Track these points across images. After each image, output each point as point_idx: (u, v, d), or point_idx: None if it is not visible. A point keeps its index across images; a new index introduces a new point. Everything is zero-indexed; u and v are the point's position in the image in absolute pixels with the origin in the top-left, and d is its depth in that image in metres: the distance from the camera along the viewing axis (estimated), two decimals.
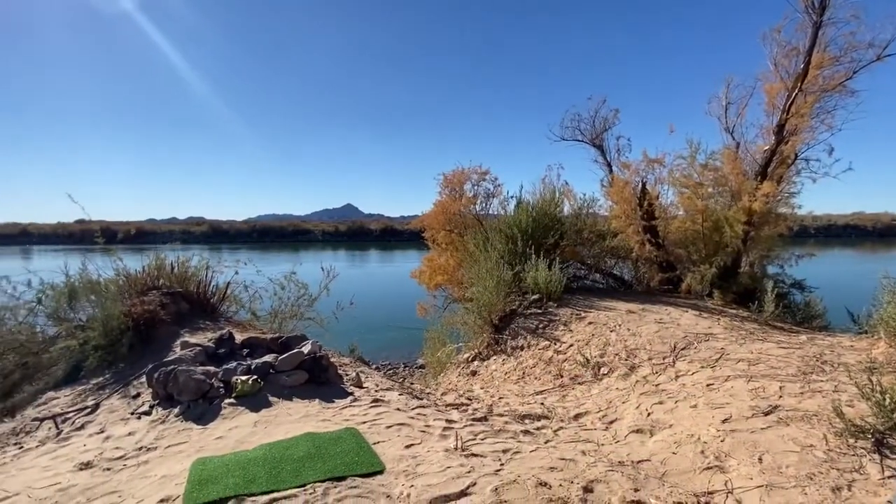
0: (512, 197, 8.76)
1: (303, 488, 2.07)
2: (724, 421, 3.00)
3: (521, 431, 3.07)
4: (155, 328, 4.71)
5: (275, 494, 2.01)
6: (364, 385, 3.89)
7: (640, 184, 7.85)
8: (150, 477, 2.26)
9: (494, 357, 6.12)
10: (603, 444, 2.99)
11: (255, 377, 3.38)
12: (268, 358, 3.73)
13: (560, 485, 2.20)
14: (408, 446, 2.59)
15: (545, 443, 2.91)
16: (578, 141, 9.35)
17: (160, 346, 4.51)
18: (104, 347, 4.27)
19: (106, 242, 6.06)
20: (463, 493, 2.07)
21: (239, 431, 2.78)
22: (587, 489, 2.16)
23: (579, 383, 4.45)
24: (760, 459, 2.41)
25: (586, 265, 8.56)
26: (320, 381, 3.71)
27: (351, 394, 3.59)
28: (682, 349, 4.55)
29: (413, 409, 3.33)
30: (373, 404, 3.34)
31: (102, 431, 2.94)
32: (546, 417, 3.54)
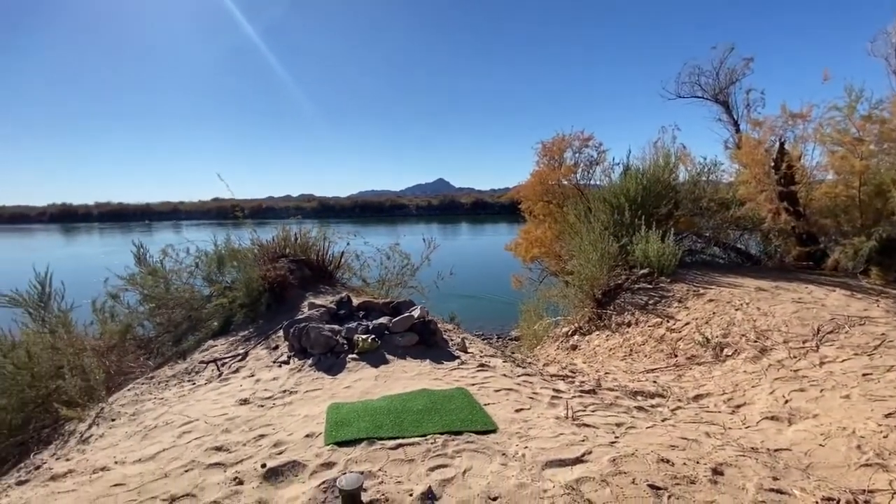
0: (618, 164, 8.18)
1: (424, 438, 2.24)
2: (887, 415, 2.58)
3: (635, 407, 2.95)
4: (285, 290, 5.35)
5: (400, 441, 2.21)
6: (469, 350, 4.03)
7: (777, 143, 6.78)
8: (295, 415, 2.61)
9: (597, 332, 5.91)
10: (730, 428, 2.76)
11: (373, 336, 3.69)
12: (383, 320, 4.03)
13: (684, 464, 2.08)
14: (517, 410, 2.64)
15: (662, 421, 2.77)
16: (698, 98, 8.35)
17: (290, 306, 5.12)
18: (247, 306, 4.98)
19: (236, 217, 6.95)
20: (578, 460, 2.06)
21: (363, 383, 3.08)
22: (716, 471, 2.02)
23: (697, 364, 4.12)
24: None
25: (704, 237, 7.74)
26: (429, 343, 3.93)
27: (457, 357, 3.74)
28: (829, 333, 3.95)
29: (519, 376, 3.38)
30: (479, 368, 3.46)
31: (253, 375, 3.47)
32: (661, 396, 3.35)
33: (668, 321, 5.12)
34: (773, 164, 6.67)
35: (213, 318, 5.08)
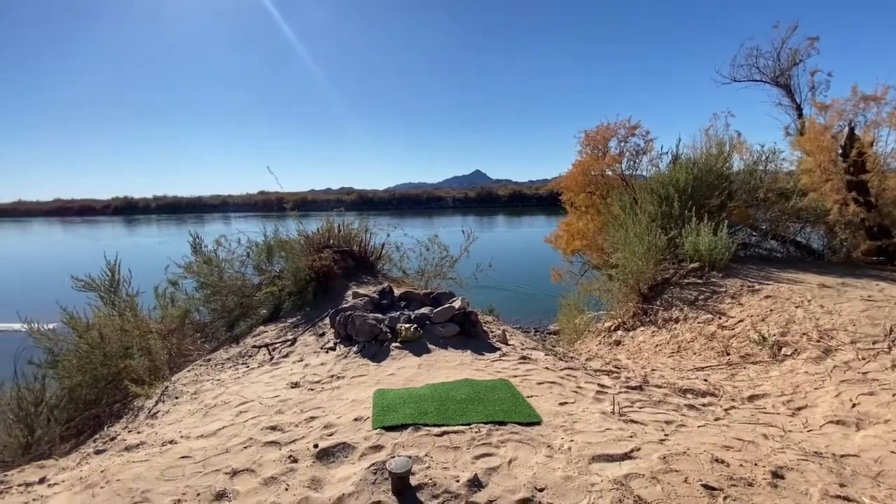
0: (666, 153, 7.82)
1: (468, 426, 2.26)
2: None
3: (685, 406, 2.85)
4: (330, 280, 5.52)
5: (445, 428, 2.24)
6: (510, 342, 4.01)
7: (847, 128, 6.26)
8: (343, 399, 2.71)
9: (642, 328, 5.73)
10: (790, 431, 2.61)
11: (415, 326, 3.75)
12: (424, 310, 4.08)
13: (741, 465, 2.00)
14: (561, 404, 2.62)
15: (715, 420, 2.66)
16: (756, 81, 7.83)
17: (334, 295, 5.28)
18: (295, 294, 5.18)
19: (280, 210, 7.21)
20: (627, 456, 2.02)
21: (406, 371, 3.14)
22: (776, 475, 1.93)
23: (752, 363, 3.92)
24: None
25: (760, 230, 7.29)
26: (470, 334, 3.95)
27: (498, 349, 3.74)
28: None
29: (561, 369, 3.34)
30: (521, 361, 3.44)
31: (302, 360, 3.61)
32: (712, 395, 3.22)
33: (719, 318, 4.88)
34: (840, 150, 6.17)
35: (263, 305, 5.32)
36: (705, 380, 3.59)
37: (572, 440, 2.15)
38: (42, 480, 2.15)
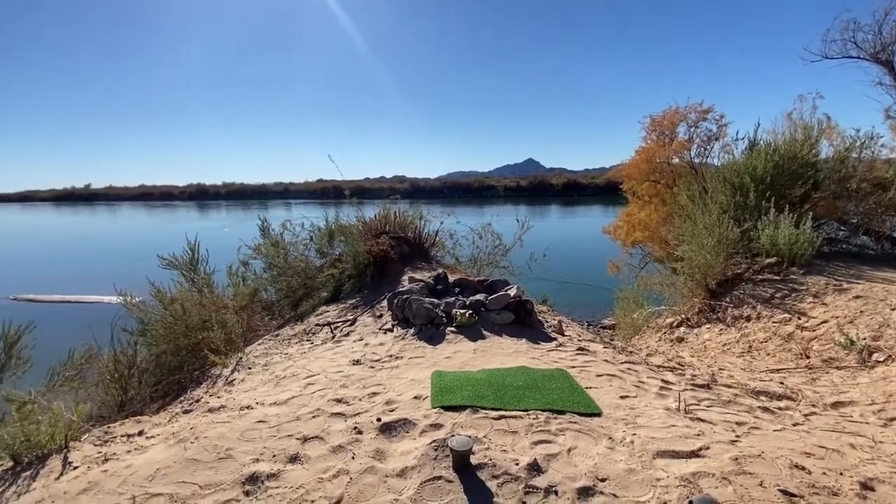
0: (742, 138, 7.24)
1: (526, 412, 2.27)
2: None
3: (759, 408, 2.67)
4: (387, 264, 5.68)
5: (503, 412, 2.26)
6: (566, 333, 3.95)
7: None
8: (402, 378, 2.80)
9: (708, 325, 5.41)
10: (881, 442, 2.38)
11: (471, 312, 3.78)
12: (479, 297, 4.10)
13: (824, 473, 1.86)
14: (622, 397, 2.55)
15: (793, 425, 2.48)
16: (852, 58, 7.00)
17: (391, 279, 5.44)
18: (355, 277, 5.39)
19: (336, 197, 7.47)
20: (694, 454, 1.94)
21: (462, 355, 3.18)
22: (866, 486, 1.77)
23: (836, 367, 3.59)
24: None
25: (850, 224, 6.60)
26: (525, 323, 3.93)
27: (554, 339, 3.70)
28: None
29: (622, 363, 3.24)
30: (578, 352, 3.38)
31: (362, 339, 3.77)
32: (789, 398, 2.99)
33: (798, 318, 4.51)
34: None
35: (325, 286, 5.59)
36: (781, 382, 3.34)
37: (635, 434, 2.09)
38: (140, 433, 2.42)
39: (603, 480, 1.74)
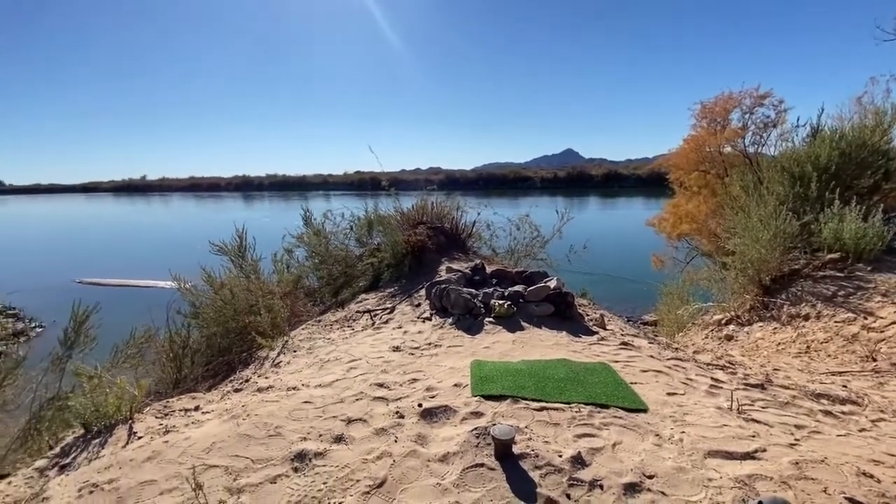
0: (803, 125, 6.74)
1: (568, 405, 2.23)
2: None
3: (820, 411, 2.51)
4: (424, 254, 5.72)
5: (544, 404, 2.23)
6: (608, 327, 3.84)
7: None
8: (441, 366, 2.82)
9: (760, 323, 5.12)
10: None
11: (509, 303, 3.75)
12: (517, 288, 4.06)
13: (895, 483, 1.72)
14: (669, 394, 2.46)
15: (859, 431, 2.31)
16: None
17: (428, 269, 5.47)
18: (393, 266, 5.46)
19: (373, 188, 7.54)
20: (749, 456, 1.85)
21: (501, 346, 3.17)
22: None
23: None
24: None
25: None
26: (565, 315, 3.85)
27: (596, 333, 3.61)
28: None
29: (668, 359, 3.12)
30: (622, 346, 3.29)
31: (401, 327, 3.82)
32: (854, 403, 2.79)
33: (864, 318, 4.18)
34: None
35: (364, 275, 5.69)
36: (844, 386, 3.12)
37: (683, 432, 2.02)
38: (196, 408, 2.56)
39: (650, 477, 1.69)
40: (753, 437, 2.01)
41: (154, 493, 1.71)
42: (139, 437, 2.19)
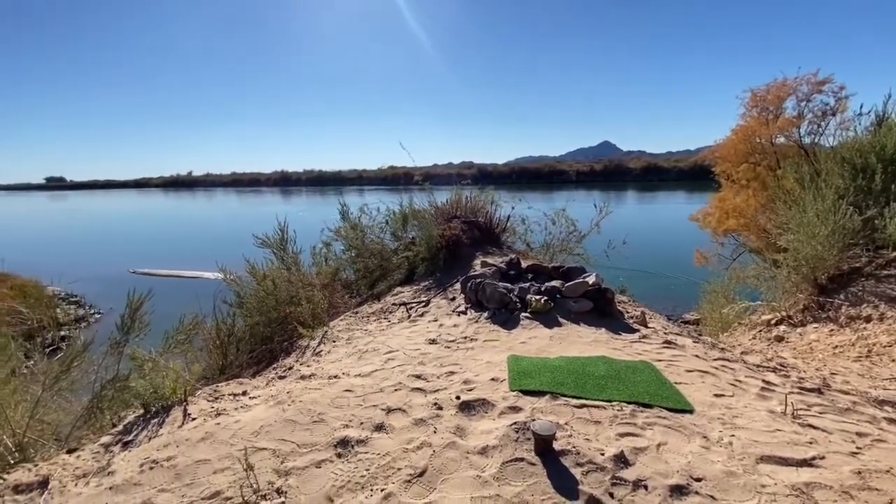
0: (866, 113, 6.26)
1: (609, 403, 2.18)
2: None
3: (884, 419, 2.34)
4: (458, 248, 5.72)
5: (584, 401, 2.19)
6: (649, 325, 3.73)
7: None
8: (478, 360, 2.82)
9: (815, 325, 4.83)
10: None
11: (546, 298, 3.70)
12: (554, 283, 4.00)
13: None
14: (717, 395, 2.36)
15: None
16: None
17: (463, 263, 5.48)
18: (428, 260, 5.51)
19: (406, 183, 7.59)
20: (806, 462, 1.75)
21: (538, 341, 3.13)
22: None
23: None
24: None
25: None
26: (604, 312, 3.77)
27: (637, 330, 3.51)
28: None
29: (715, 359, 3.00)
30: (665, 345, 3.18)
31: (436, 320, 3.85)
32: None
33: None
34: None
35: (399, 268, 5.77)
36: None
37: (733, 435, 1.94)
38: (244, 393, 2.68)
39: (698, 480, 1.63)
40: (811, 443, 1.91)
41: (208, 471, 1.81)
42: (193, 419, 2.32)
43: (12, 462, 2.26)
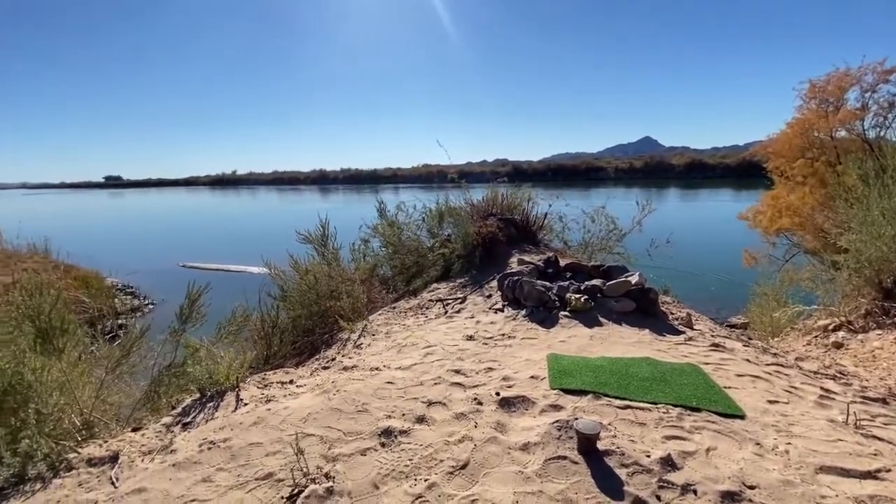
0: None
1: (654, 405, 2.13)
2: None
3: None
4: (495, 246, 5.71)
5: (628, 402, 2.15)
6: (695, 327, 3.60)
7: None
8: (517, 357, 2.82)
9: (878, 331, 4.50)
10: None
11: (586, 297, 3.64)
12: (595, 282, 3.92)
13: None
14: (770, 402, 2.26)
15: None
16: None
17: (499, 260, 5.46)
18: (464, 257, 5.53)
19: (440, 181, 7.61)
20: (871, 475, 1.66)
21: (578, 340, 3.09)
22: None
23: None
24: None
25: None
26: (647, 312, 3.67)
27: (682, 332, 3.40)
28: None
29: (767, 364, 2.87)
30: (712, 348, 3.07)
31: (473, 317, 3.86)
32: None
33: None
34: None
35: (436, 265, 5.82)
36: None
37: (789, 443, 1.85)
38: (291, 382, 2.80)
39: (752, 488, 1.57)
40: (875, 455, 1.80)
41: (261, 454, 1.90)
42: (245, 404, 2.44)
43: (79, 439, 2.46)
